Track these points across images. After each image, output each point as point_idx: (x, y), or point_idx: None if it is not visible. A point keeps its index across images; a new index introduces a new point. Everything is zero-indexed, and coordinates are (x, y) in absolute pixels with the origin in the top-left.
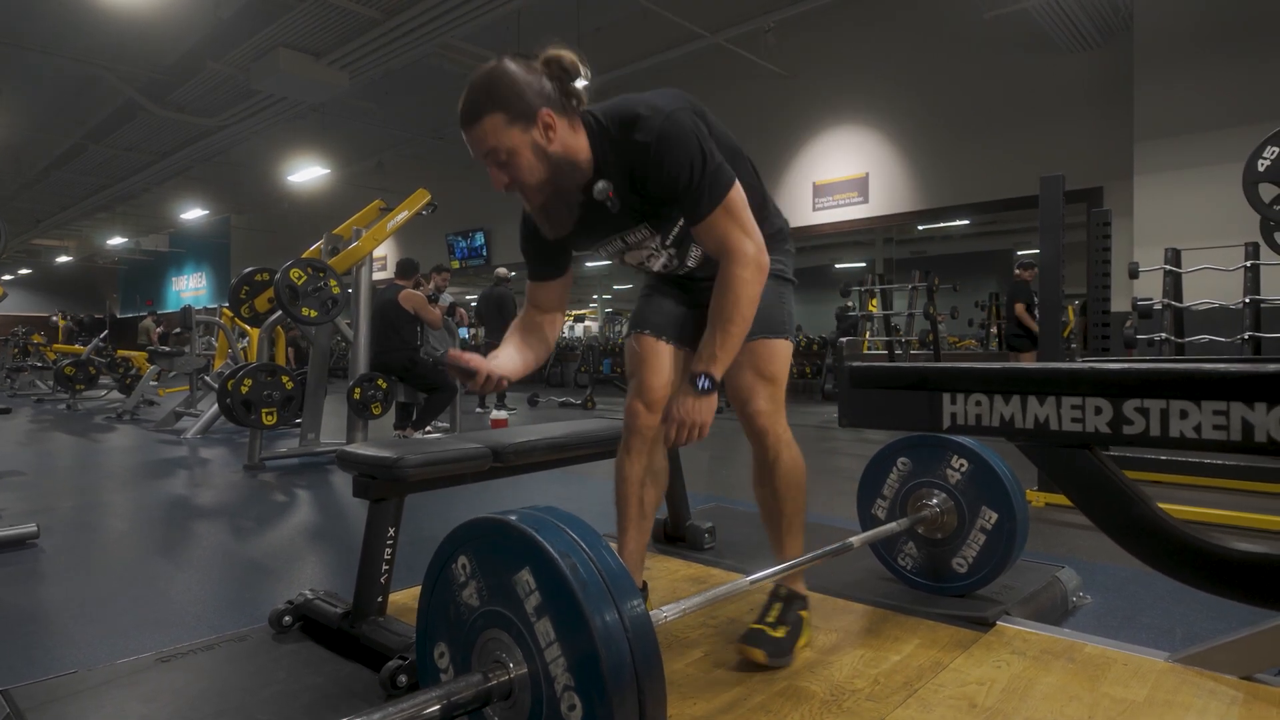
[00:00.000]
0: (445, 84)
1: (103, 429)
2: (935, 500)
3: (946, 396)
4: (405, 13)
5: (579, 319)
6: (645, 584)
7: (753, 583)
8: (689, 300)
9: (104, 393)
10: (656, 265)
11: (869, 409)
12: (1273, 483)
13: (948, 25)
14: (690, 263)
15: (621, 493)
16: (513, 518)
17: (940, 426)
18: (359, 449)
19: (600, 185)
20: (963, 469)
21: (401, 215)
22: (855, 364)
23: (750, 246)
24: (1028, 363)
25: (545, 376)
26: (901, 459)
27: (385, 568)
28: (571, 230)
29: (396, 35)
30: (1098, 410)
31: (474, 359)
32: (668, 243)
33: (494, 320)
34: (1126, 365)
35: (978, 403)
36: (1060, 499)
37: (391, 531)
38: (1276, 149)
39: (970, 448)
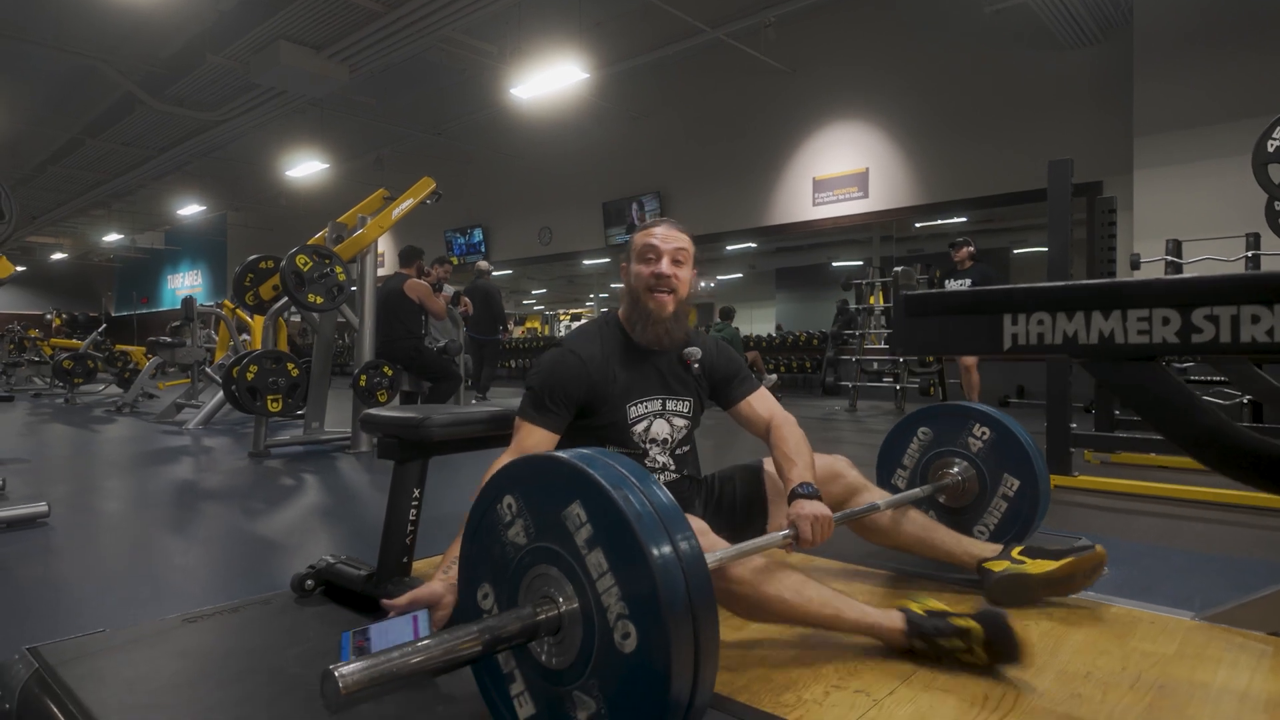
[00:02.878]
0: (445, 79)
1: (102, 421)
2: (956, 468)
3: (1007, 318)
4: (406, 5)
5: (576, 318)
6: None
7: (785, 538)
8: None
9: (102, 387)
10: (661, 435)
11: (926, 336)
12: None
13: (949, 20)
14: (678, 452)
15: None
16: (562, 454)
17: (1001, 348)
18: (384, 411)
19: (692, 349)
20: (984, 437)
21: (407, 203)
22: (911, 293)
23: (782, 409)
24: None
25: None
26: (922, 428)
27: (410, 528)
28: (632, 380)
29: (397, 28)
30: (1165, 321)
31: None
32: (682, 425)
33: (481, 313)
34: (1196, 275)
35: (1040, 322)
36: (1069, 480)
37: (416, 493)
38: None
39: (992, 416)
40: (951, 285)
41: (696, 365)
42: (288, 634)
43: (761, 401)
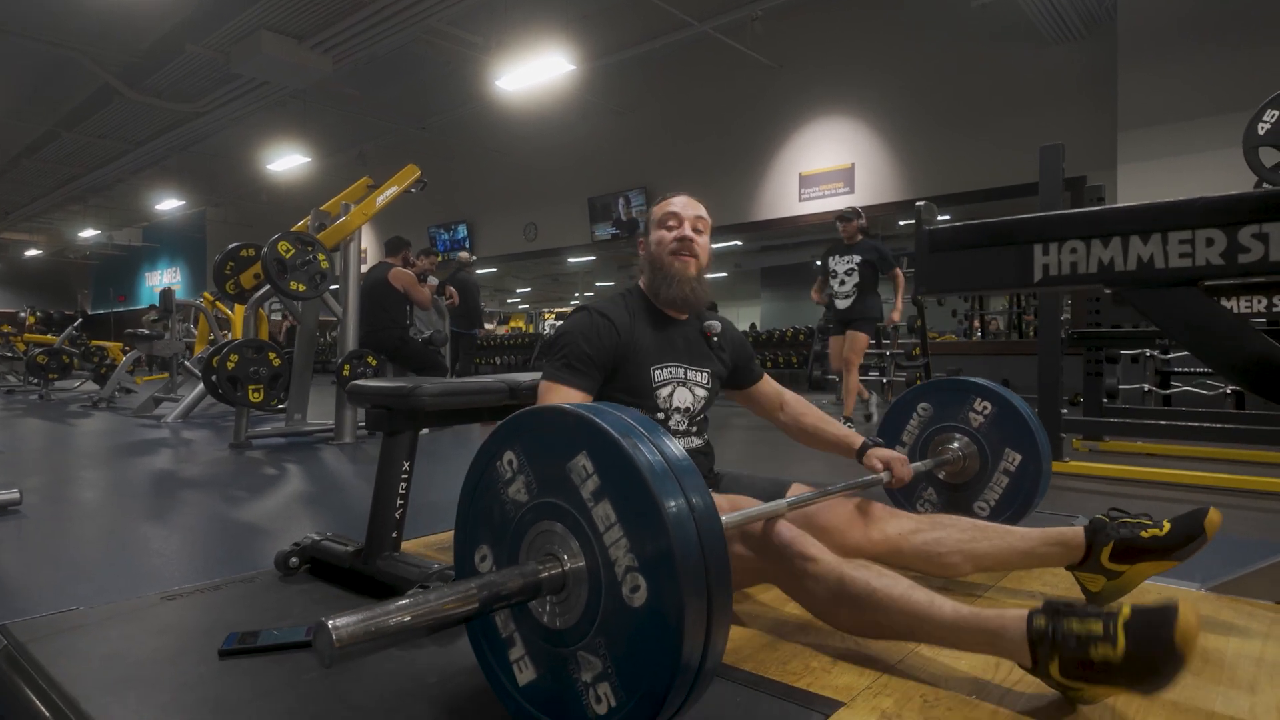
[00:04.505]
0: (430, 72)
1: (78, 415)
2: (957, 444)
3: (1038, 248)
4: None
5: (561, 316)
6: None
7: (791, 505)
8: None
9: (77, 383)
10: (682, 401)
11: (950, 272)
12: (1261, 448)
13: (935, 15)
14: (698, 420)
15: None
16: (565, 405)
17: (1031, 280)
18: (373, 381)
19: (713, 323)
20: (985, 411)
21: (391, 190)
22: (935, 227)
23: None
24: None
25: (533, 367)
26: (922, 404)
27: (400, 503)
28: (656, 343)
29: (381, 18)
30: (1209, 242)
31: None
32: (703, 395)
33: (458, 306)
34: (1242, 192)
35: (1073, 250)
36: (1060, 465)
37: (406, 465)
38: (1277, 112)
39: (993, 390)
40: (836, 263)
41: (716, 338)
42: (272, 610)
43: (770, 382)
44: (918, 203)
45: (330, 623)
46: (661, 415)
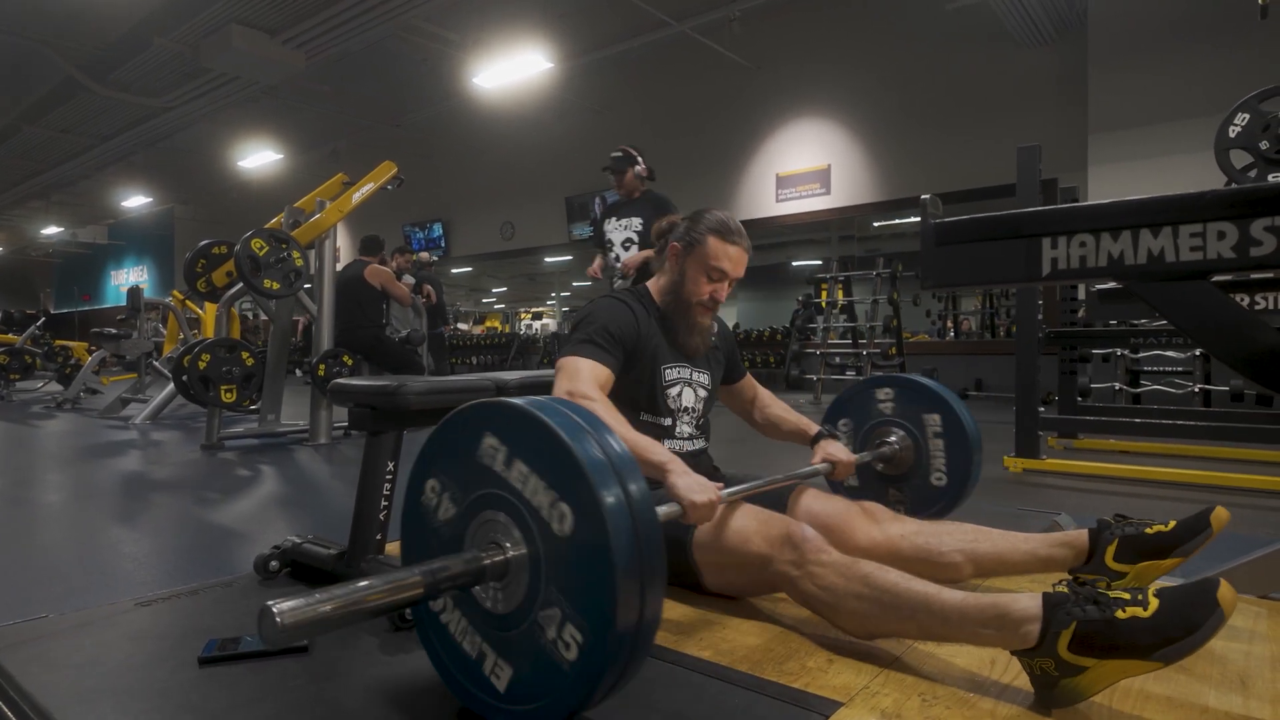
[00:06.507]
0: (406, 69)
1: (42, 417)
2: (893, 438)
3: (1046, 241)
4: None
5: (537, 316)
6: None
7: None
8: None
9: (40, 384)
10: (688, 401)
11: (956, 266)
12: (1235, 445)
13: (911, 17)
14: (700, 423)
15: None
16: (455, 411)
17: (1040, 274)
18: (357, 380)
19: (711, 323)
20: (890, 396)
21: (367, 187)
22: (941, 220)
23: None
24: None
25: (510, 367)
26: (842, 421)
27: (384, 504)
28: (666, 343)
29: (356, 13)
30: (1220, 235)
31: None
32: (704, 396)
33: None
34: (1255, 184)
35: (1082, 244)
36: (1038, 463)
37: (391, 466)
38: (1248, 115)
39: (888, 378)
40: (613, 230)
41: (714, 338)
42: (252, 615)
43: (749, 379)
44: (923, 196)
45: (275, 606)
46: (669, 419)
